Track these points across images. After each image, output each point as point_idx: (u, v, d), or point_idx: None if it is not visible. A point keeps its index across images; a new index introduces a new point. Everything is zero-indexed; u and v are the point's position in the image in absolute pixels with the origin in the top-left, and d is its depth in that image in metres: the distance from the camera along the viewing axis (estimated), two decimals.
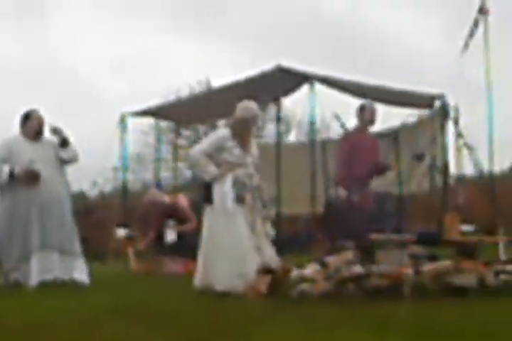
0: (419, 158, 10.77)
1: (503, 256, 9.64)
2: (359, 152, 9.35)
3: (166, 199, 12.36)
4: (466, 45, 12.95)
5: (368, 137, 9.69)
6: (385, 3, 41.79)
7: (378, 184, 12.94)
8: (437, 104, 14.37)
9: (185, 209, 12.19)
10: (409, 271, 7.16)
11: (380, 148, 12.02)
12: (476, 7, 12.84)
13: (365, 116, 9.47)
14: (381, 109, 12.88)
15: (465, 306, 6.45)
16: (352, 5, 43.39)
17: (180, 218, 11.96)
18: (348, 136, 9.98)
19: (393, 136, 13.67)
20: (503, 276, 7.35)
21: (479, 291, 7.06)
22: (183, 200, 12.56)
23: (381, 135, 13.70)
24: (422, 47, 39.80)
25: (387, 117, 13.78)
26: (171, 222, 11.93)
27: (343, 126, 13.00)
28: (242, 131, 8.08)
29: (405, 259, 7.61)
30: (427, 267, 7.33)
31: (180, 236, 11.79)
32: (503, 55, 16.95)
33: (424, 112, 14.82)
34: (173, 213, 12.00)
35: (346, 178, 9.38)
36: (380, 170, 9.79)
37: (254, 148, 8.24)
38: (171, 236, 11.83)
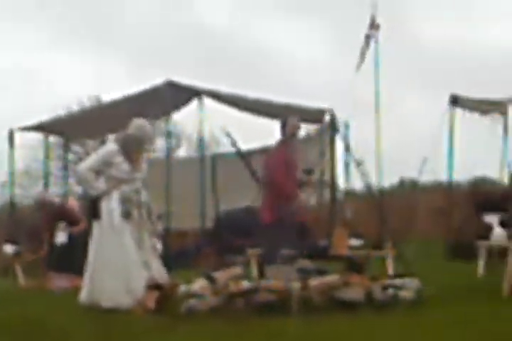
0: (307, 172, 10.80)
1: (391, 271, 9.77)
2: (285, 165, 9.30)
3: (56, 200, 12.17)
4: (361, 62, 13.13)
5: (291, 150, 9.60)
6: (272, 16, 42.13)
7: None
8: (327, 118, 14.49)
9: (75, 211, 12.04)
10: (296, 285, 7.17)
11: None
12: (367, 23, 13.04)
13: (288, 130, 9.43)
14: (271, 124, 12.99)
15: (353, 320, 6.51)
16: (239, 19, 43.44)
17: (70, 220, 11.77)
18: (276, 149, 9.90)
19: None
20: (390, 291, 7.43)
21: (367, 306, 7.11)
22: (73, 203, 12.38)
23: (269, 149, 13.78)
24: (312, 61, 40.27)
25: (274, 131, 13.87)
26: (61, 224, 11.73)
27: (234, 144, 13.01)
28: (133, 148, 7.99)
29: (293, 274, 7.61)
30: (315, 282, 7.35)
31: (70, 238, 11.60)
32: (393, 71, 17.28)
33: (314, 127, 14.95)
34: (63, 214, 11.81)
35: (276, 193, 9.28)
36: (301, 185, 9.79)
37: (143, 164, 8.16)
38: (61, 238, 11.63)
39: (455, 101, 13.39)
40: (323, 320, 6.53)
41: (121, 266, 7.72)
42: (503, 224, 11.25)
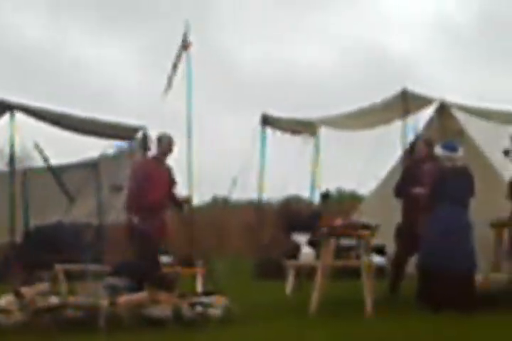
0: (116, 189, 10.68)
1: (200, 288, 9.77)
2: (153, 181, 9.08)
3: None
4: (170, 83, 13.13)
5: (164, 167, 9.37)
6: (90, 30, 41.56)
7: (79, 214, 12.74)
8: (139, 135, 14.36)
9: None
10: (104, 302, 7.05)
11: (81, 177, 11.82)
12: (179, 42, 13.07)
13: (163, 146, 9.23)
14: (81, 140, 12.77)
15: (161, 338, 6.47)
16: (55, 31, 42.60)
17: None
18: (142, 164, 9.64)
19: (91, 166, 13.56)
20: (199, 308, 7.44)
21: (175, 323, 7.09)
22: None
23: (81, 165, 13.54)
24: (128, 78, 40.02)
25: (87, 147, 13.67)
26: None
27: (45, 159, 12.69)
28: None
29: (102, 290, 7.48)
30: (123, 298, 7.25)
31: None
32: (206, 90, 17.39)
33: (125, 144, 14.77)
34: None
35: (139, 206, 9.04)
36: (178, 202, 9.61)
37: None
38: None
39: (266, 120, 13.64)
40: (130, 337, 6.45)
41: None
42: (311, 243, 11.51)
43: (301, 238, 11.49)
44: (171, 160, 9.49)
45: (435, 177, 8.52)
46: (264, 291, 10.37)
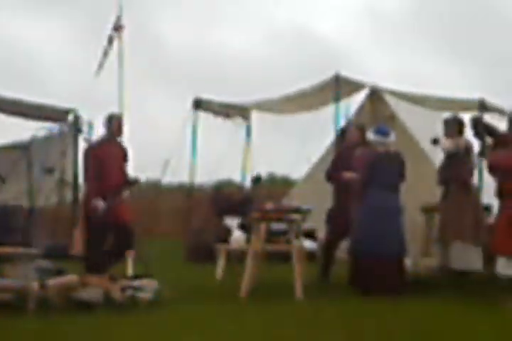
0: (48, 171, 10.53)
1: (130, 272, 9.71)
2: (109, 162, 8.86)
3: None
4: (101, 66, 12.98)
5: (118, 147, 9.14)
6: (21, 14, 40.95)
7: (9, 196, 12.51)
8: (70, 118, 14.17)
9: None
10: (34, 285, 6.97)
11: (13, 160, 11.60)
12: (111, 24, 12.91)
13: (114, 126, 9.02)
14: (13, 121, 12.53)
15: (91, 321, 6.43)
16: None
17: None
18: (95, 146, 9.34)
19: (22, 148, 13.33)
20: (129, 292, 7.40)
21: (105, 306, 7.04)
22: None
23: (13, 147, 13.30)
24: (58, 60, 39.45)
25: (19, 129, 13.41)
26: None
27: None
28: None
29: (32, 273, 7.40)
30: (53, 281, 7.18)
31: None
32: (138, 72, 17.24)
33: (57, 126, 14.58)
34: None
35: (98, 189, 8.80)
36: (131, 182, 9.37)
37: None
38: None
39: (198, 104, 13.57)
40: (60, 320, 6.40)
41: None
42: (242, 227, 11.54)
43: (233, 222, 11.52)
44: None
45: (367, 162, 8.58)
46: (195, 275, 10.35)
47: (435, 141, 9.02)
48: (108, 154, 8.97)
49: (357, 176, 8.73)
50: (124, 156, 9.18)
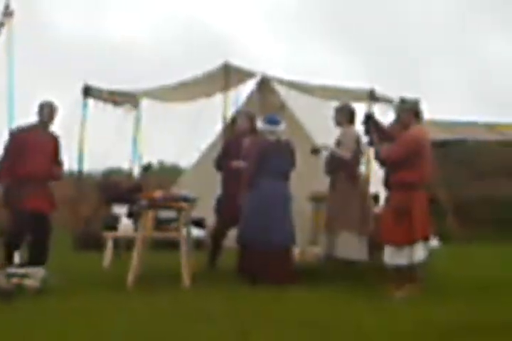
0: None
1: (17, 259, 9.53)
2: (28, 149, 8.52)
3: None
4: None
5: (46, 136, 8.78)
6: None
7: None
8: None
9: None
10: None
11: None
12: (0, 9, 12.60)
13: (45, 114, 8.70)
14: None
15: None
16: None
17: None
18: (15, 132, 8.96)
19: None
20: (15, 279, 7.29)
21: None
22: None
23: None
24: None
25: None
26: None
27: None
28: None
29: None
30: None
31: None
32: (27, 58, 16.86)
33: None
34: None
35: (14, 176, 8.45)
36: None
37: None
38: None
39: (87, 91, 13.39)
40: None
41: None
42: (130, 215, 11.46)
43: (121, 210, 11.43)
44: None
45: (257, 151, 8.63)
46: (83, 263, 10.25)
47: (315, 151, 9.10)
48: (31, 141, 8.72)
49: (246, 164, 8.78)
50: (53, 145, 8.94)
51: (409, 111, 7.97)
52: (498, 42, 44.62)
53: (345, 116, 8.97)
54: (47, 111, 8.88)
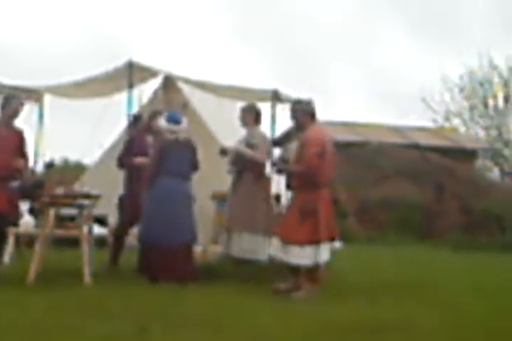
0: None
1: None
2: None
3: None
4: None
5: (8, 130, 8.34)
6: None
7: None
8: None
9: None
10: None
11: None
12: None
13: (10, 107, 8.30)
14: None
15: None
16: None
17: None
18: None
19: None
20: None
21: None
22: None
23: None
24: None
25: None
26: None
27: None
28: None
29: None
30: None
31: None
32: None
33: None
34: None
35: None
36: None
37: None
38: None
39: None
40: None
41: None
42: (32, 211, 11.35)
43: (23, 206, 11.31)
44: None
45: (156, 150, 8.67)
46: None
47: (223, 152, 9.17)
48: None
49: (147, 162, 8.81)
50: (18, 141, 8.55)
51: (303, 112, 8.08)
52: (399, 42, 45.71)
53: (251, 116, 9.07)
54: (13, 105, 8.50)
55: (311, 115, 8.10)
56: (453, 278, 10.11)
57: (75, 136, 13.27)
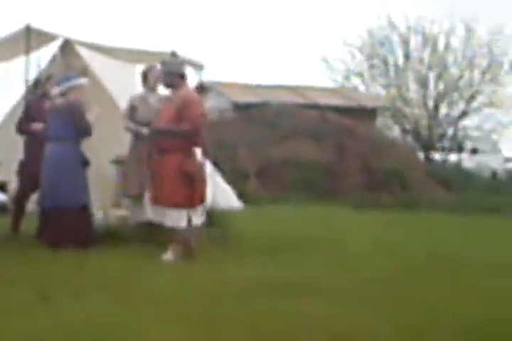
0: None
1: None
2: None
3: None
4: None
5: None
6: None
7: None
8: None
9: None
10: None
11: None
12: None
13: None
14: None
15: None
16: None
17: None
18: None
19: None
20: None
21: None
22: None
23: None
24: None
25: None
26: None
27: None
28: None
29: None
30: None
31: None
32: None
33: None
34: None
35: None
36: None
37: None
38: None
39: None
40: None
41: None
42: None
43: None
44: None
45: (46, 114, 8.66)
46: None
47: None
48: None
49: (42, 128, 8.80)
50: None
51: (173, 74, 8.15)
52: None
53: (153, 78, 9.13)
54: None
55: (181, 76, 8.16)
56: (356, 236, 10.28)
57: None
